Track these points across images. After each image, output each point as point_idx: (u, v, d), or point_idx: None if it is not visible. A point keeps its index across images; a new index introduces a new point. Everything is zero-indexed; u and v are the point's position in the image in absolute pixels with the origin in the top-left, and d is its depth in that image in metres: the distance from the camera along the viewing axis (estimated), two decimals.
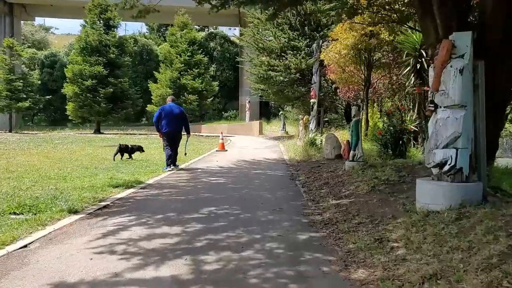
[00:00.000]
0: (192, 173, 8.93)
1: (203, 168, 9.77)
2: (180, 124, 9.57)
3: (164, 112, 9.47)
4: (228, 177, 8.30)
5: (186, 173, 9.02)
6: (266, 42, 21.09)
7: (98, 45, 29.18)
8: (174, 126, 9.49)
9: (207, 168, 9.83)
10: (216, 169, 9.70)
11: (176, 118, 9.48)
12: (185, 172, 9.20)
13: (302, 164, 10.37)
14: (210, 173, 8.89)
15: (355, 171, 7.50)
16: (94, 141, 19.00)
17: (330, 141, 11.11)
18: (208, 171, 9.24)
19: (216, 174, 8.74)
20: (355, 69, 14.74)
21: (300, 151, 12.83)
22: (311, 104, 13.29)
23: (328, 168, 8.83)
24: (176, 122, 9.50)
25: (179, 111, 9.63)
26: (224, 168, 9.79)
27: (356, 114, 8.05)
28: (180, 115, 9.59)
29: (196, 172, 9.13)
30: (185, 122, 9.72)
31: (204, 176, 8.44)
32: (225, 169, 9.64)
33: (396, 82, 17.27)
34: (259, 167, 10.13)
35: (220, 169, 9.63)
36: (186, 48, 27.08)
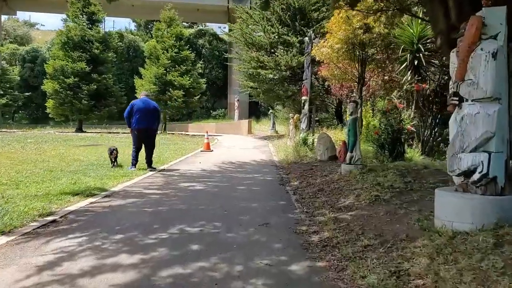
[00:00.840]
0: (169, 177, 7.95)
1: (183, 171, 8.79)
2: (153, 120, 8.76)
3: (136, 107, 8.57)
4: (209, 183, 7.34)
5: (162, 177, 8.04)
6: (255, 37, 20.15)
7: (81, 40, 27.95)
8: (147, 122, 8.63)
9: (188, 171, 8.85)
10: (197, 172, 8.73)
11: (149, 113, 8.63)
12: (161, 175, 8.22)
13: (293, 166, 9.47)
14: (190, 178, 7.91)
15: (353, 175, 6.61)
16: (72, 140, 17.87)
17: (323, 141, 10.23)
18: (187, 175, 8.26)
19: (196, 179, 7.76)
20: (348, 65, 13.90)
21: (291, 152, 11.93)
22: (302, 102, 12.40)
23: (322, 172, 7.93)
24: (150, 118, 8.65)
25: (153, 107, 8.78)
26: (206, 172, 8.83)
27: (353, 112, 7.17)
28: (154, 111, 8.76)
29: (174, 176, 8.14)
30: (158, 120, 9.03)
31: (182, 181, 7.47)
32: (208, 173, 8.69)
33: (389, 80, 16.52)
34: (246, 170, 9.20)
35: (202, 173, 8.67)
36: (172, 44, 25.96)
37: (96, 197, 5.77)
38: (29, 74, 42.30)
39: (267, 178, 8.05)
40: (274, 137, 21.55)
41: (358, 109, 7.18)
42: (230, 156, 12.10)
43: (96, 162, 9.74)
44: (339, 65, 13.91)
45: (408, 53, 11.46)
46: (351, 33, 12.22)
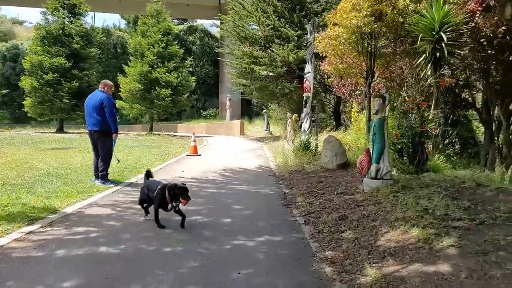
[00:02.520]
0: (137, 195, 6.16)
1: None
2: (96, 120, 6.75)
3: (85, 104, 6.85)
4: (189, 205, 5.60)
5: (131, 193, 6.29)
6: (249, 30, 18.45)
7: (60, 34, 25.97)
8: (91, 123, 6.90)
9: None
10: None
11: (92, 110, 6.77)
12: (131, 190, 6.48)
13: (295, 177, 7.79)
14: None
15: (382, 195, 4.96)
16: (44, 142, 16.02)
17: (330, 146, 8.57)
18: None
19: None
20: (355, 58, 12.26)
21: (291, 158, 10.26)
22: (304, 99, 10.71)
23: (336, 186, 6.27)
24: (93, 118, 6.79)
25: (95, 100, 6.77)
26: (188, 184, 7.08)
27: (379, 110, 5.51)
28: (98, 107, 6.69)
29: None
30: (109, 115, 6.71)
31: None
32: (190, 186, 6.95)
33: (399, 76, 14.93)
34: (238, 182, 7.49)
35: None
36: (159, 39, 24.12)
37: (32, 226, 4.05)
38: (10, 72, 40.20)
39: (265, 192, 6.34)
40: (268, 138, 19.88)
41: (386, 106, 5.52)
42: (220, 162, 10.39)
43: (56, 171, 7.96)
44: (345, 58, 12.27)
45: (428, 44, 9.86)
46: (361, 21, 10.61)
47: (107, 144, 6.80)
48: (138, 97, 23.06)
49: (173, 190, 4.23)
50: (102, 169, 6.75)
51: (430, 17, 9.70)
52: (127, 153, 11.99)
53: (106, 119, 6.69)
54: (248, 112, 36.70)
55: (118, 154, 11.52)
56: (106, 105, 6.64)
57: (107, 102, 6.65)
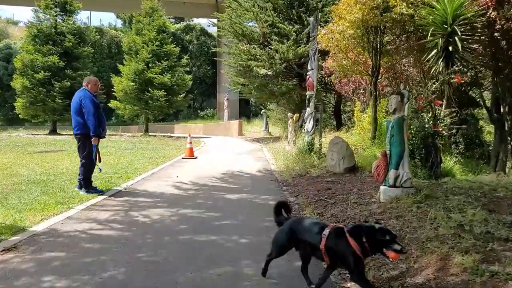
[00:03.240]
0: (123, 206, 5.44)
1: (149, 194, 6.33)
2: (77, 120, 6.05)
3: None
4: (178, 219, 4.90)
5: (117, 203, 5.61)
6: (246, 27, 17.77)
7: (53, 32, 25.27)
8: (73, 124, 6.19)
9: (155, 193, 6.34)
10: (168, 195, 6.22)
11: (73, 111, 6.08)
12: (118, 200, 5.80)
13: (300, 182, 7.12)
14: (153, 206, 5.44)
15: (404, 205, 4.30)
16: (33, 144, 15.30)
17: (337, 148, 7.91)
18: (151, 202, 5.68)
19: (161, 210, 5.29)
20: (360, 55, 11.61)
21: (293, 159, 9.60)
22: (307, 97, 10.02)
23: (347, 193, 5.61)
24: (73, 118, 6.11)
25: (75, 100, 6.11)
26: (180, 195, 6.37)
27: (397, 108, 4.84)
28: (76, 105, 6.00)
29: (130, 204, 5.62)
30: (87, 117, 5.91)
31: (138, 216, 4.96)
32: (182, 197, 6.22)
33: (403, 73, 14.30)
34: (237, 189, 6.82)
35: (174, 197, 6.17)
36: (154, 37, 23.40)
37: None
38: (3, 72, 39.38)
39: (267, 203, 5.63)
40: (267, 139, 19.22)
41: (405, 104, 4.86)
42: (217, 165, 9.72)
43: (38, 177, 7.28)
44: (349, 54, 11.62)
45: (439, 37, 9.21)
46: (366, 14, 9.98)
47: (87, 149, 6.08)
48: (133, 97, 22.34)
49: (373, 235, 2.52)
50: (83, 177, 6.07)
51: (442, 9, 9.07)
52: (119, 156, 11.31)
53: (79, 122, 6.01)
54: (246, 112, 36.05)
55: (109, 157, 10.94)
56: (84, 105, 5.93)
57: (85, 102, 5.93)
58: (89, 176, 6.13)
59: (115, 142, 17.24)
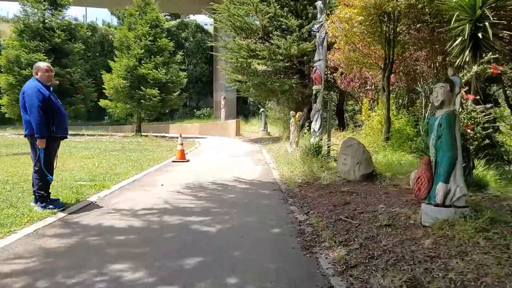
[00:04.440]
0: (78, 234, 4.04)
1: (117, 211, 5.00)
2: (24, 118, 4.84)
3: None
4: (149, 263, 3.53)
5: (80, 225, 4.37)
6: (245, 19, 16.53)
7: (40, 27, 24.05)
8: (24, 124, 4.91)
9: (126, 211, 4.97)
10: (145, 213, 4.93)
11: (20, 107, 4.87)
12: (81, 220, 4.55)
13: (309, 193, 5.90)
14: (119, 237, 4.05)
15: (463, 235, 3.09)
16: (13, 145, 13.98)
17: (351, 151, 6.70)
18: (122, 226, 4.29)
19: (129, 246, 3.80)
20: (371, 46, 10.41)
21: (297, 163, 8.39)
22: (314, 93, 8.75)
23: (372, 210, 4.39)
24: (22, 115, 4.88)
25: (20, 94, 4.86)
26: (160, 211, 5.12)
27: (446, 100, 3.63)
28: (21, 100, 4.81)
29: (87, 230, 4.19)
30: (30, 112, 4.67)
31: (88, 251, 3.62)
32: (164, 214, 5.00)
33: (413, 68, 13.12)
34: (233, 203, 5.58)
35: (153, 216, 4.89)
36: (147, 31, 22.15)
37: None
38: None
39: (271, 229, 4.34)
40: (266, 139, 18.00)
41: (455, 95, 3.66)
42: (210, 171, 8.50)
43: None
44: (358, 45, 10.42)
45: (466, 23, 8.01)
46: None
47: (37, 153, 4.81)
48: (124, 95, 21.07)
49: None
50: (38, 187, 4.82)
51: None
52: (101, 159, 10.07)
53: (27, 120, 4.75)
54: (244, 111, 34.81)
55: (90, 160, 9.66)
56: (26, 98, 4.69)
57: (27, 94, 4.67)
58: (45, 187, 4.88)
59: (103, 143, 16.00)
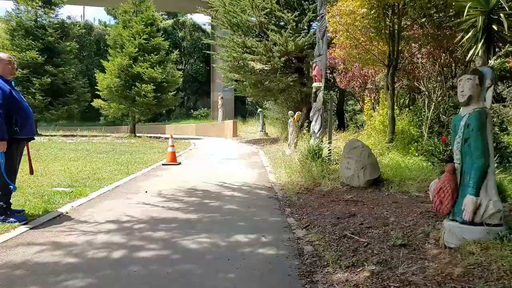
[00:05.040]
0: (34, 255, 3.53)
1: (90, 224, 4.38)
2: None
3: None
4: None
5: (44, 243, 3.74)
6: (241, 15, 15.93)
7: (33, 26, 23.46)
8: None
9: (99, 224, 4.32)
10: (114, 227, 4.23)
11: None
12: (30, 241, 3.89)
13: (309, 201, 5.28)
14: (83, 263, 3.45)
15: (503, 263, 2.47)
16: None
17: (355, 155, 6.08)
18: (78, 251, 3.51)
19: (88, 259, 3.31)
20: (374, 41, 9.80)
21: (296, 167, 7.77)
22: (313, 91, 8.11)
23: (382, 224, 3.77)
24: None
25: None
26: (137, 223, 4.48)
27: (473, 96, 3.01)
28: None
29: (46, 251, 3.55)
30: None
31: (39, 281, 2.99)
32: (143, 228, 4.35)
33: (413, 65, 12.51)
34: (222, 215, 4.94)
35: (124, 232, 4.19)
36: (142, 30, 21.52)
37: None
38: None
39: (265, 248, 3.68)
40: (264, 140, 17.39)
41: (485, 90, 3.04)
42: (202, 176, 7.87)
43: None
44: (361, 40, 9.80)
45: (479, 15, 7.42)
46: None
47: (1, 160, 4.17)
48: (118, 95, 20.41)
49: None
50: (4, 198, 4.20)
51: None
52: (87, 162, 9.43)
53: None
54: (242, 111, 34.20)
55: (74, 163, 8.96)
56: None
57: None
58: (5, 197, 4.25)
59: (94, 144, 15.35)
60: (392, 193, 5.50)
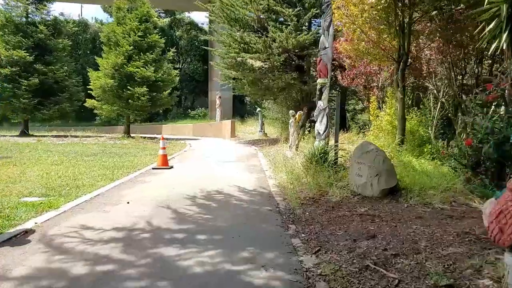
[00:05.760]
0: None
1: (52, 247, 3.63)
2: None
3: None
4: None
5: None
6: (239, 10, 15.16)
7: (23, 22, 22.75)
8: None
9: (62, 247, 3.62)
10: (79, 248, 3.54)
11: None
12: None
13: (316, 216, 4.50)
14: None
15: None
16: None
17: (368, 159, 5.30)
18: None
19: None
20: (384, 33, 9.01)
21: (298, 172, 7.00)
22: (318, 88, 7.30)
23: (410, 249, 3.00)
24: None
25: None
26: (107, 246, 3.69)
27: None
28: None
29: None
30: None
31: None
32: (103, 258, 3.58)
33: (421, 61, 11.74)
34: (211, 235, 4.15)
35: (87, 262, 3.47)
36: (136, 26, 20.72)
37: None
38: None
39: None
40: (263, 141, 16.62)
41: None
42: (194, 182, 7.09)
43: None
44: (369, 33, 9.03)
45: (502, 3, 6.66)
46: None
47: None
48: (111, 95, 19.60)
49: None
50: None
51: None
52: (70, 165, 8.63)
53: None
54: (241, 111, 33.40)
55: (55, 168, 8.04)
56: None
57: None
58: None
59: (84, 145, 14.56)
60: (412, 205, 4.73)
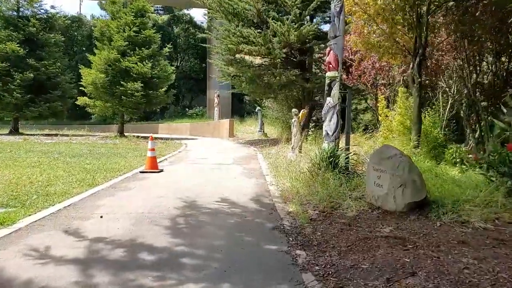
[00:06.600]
0: None
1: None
2: None
3: None
4: None
5: None
6: (238, 3, 14.27)
7: (14, 16, 21.88)
8: None
9: None
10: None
11: None
12: None
13: (331, 237, 3.63)
14: None
15: None
16: None
17: (389, 167, 4.42)
18: None
19: None
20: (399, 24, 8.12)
21: (304, 178, 6.13)
22: (327, 82, 6.38)
23: None
24: None
25: None
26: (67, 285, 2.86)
27: None
28: None
29: None
30: None
31: None
32: None
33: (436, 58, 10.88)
34: (194, 268, 3.29)
35: None
36: (131, 21, 19.79)
37: None
38: None
39: None
40: (263, 142, 15.75)
41: None
42: (182, 189, 6.20)
43: None
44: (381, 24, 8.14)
45: None
46: None
47: None
48: (103, 91, 18.67)
49: None
50: None
51: None
52: (45, 169, 7.69)
53: None
54: (239, 110, 32.50)
55: (28, 170, 7.13)
56: None
57: None
58: None
59: (71, 145, 13.67)
60: (446, 223, 3.86)
